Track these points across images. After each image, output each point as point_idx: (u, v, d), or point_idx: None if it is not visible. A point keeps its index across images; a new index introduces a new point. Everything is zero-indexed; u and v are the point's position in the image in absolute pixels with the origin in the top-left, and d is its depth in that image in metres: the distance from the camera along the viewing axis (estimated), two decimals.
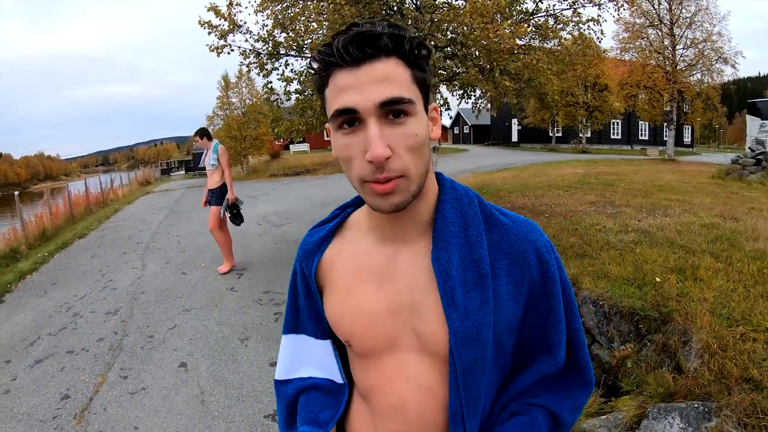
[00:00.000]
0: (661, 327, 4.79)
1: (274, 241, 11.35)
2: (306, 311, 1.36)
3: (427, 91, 1.11)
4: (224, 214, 8.60)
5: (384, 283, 1.18)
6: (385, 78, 1.01)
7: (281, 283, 7.95)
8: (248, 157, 41.28)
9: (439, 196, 1.19)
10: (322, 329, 1.33)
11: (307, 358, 1.38)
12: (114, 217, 18.29)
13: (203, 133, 8.81)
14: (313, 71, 1.09)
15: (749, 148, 15.74)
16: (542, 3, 10.65)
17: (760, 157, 14.36)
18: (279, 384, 1.44)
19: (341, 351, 1.37)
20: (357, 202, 1.35)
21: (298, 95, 10.85)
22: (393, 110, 1.01)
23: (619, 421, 3.99)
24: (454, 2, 10.29)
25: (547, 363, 1.23)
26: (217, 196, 8.59)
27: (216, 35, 10.39)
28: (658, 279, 5.45)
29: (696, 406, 3.73)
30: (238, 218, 8.81)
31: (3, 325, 7.00)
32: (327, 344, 1.35)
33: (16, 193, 16.78)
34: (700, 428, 3.59)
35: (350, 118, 1.02)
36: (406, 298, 1.16)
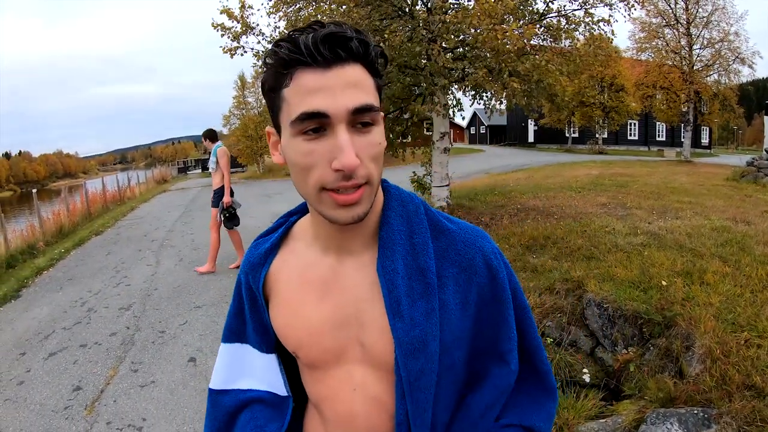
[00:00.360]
0: (664, 331, 4.77)
1: None
2: (252, 324, 1.30)
3: (382, 100, 1.09)
4: (220, 217, 8.65)
5: (329, 294, 1.15)
6: (357, 83, 0.96)
7: None
8: (264, 157, 41.41)
9: (384, 204, 1.16)
10: (267, 343, 1.28)
11: (248, 370, 1.33)
12: (130, 215, 18.46)
13: (208, 134, 8.92)
14: (268, 67, 1.01)
15: (765, 149, 15.62)
16: (553, 3, 10.66)
17: None
18: (215, 393, 1.37)
19: (286, 363, 1.32)
20: (301, 210, 1.32)
21: None
22: (362, 118, 0.97)
23: (618, 425, 3.98)
24: (465, 3, 10.33)
25: (500, 375, 1.18)
26: (218, 197, 8.66)
27: (229, 37, 10.49)
28: (664, 282, 5.43)
29: (695, 412, 3.72)
30: (231, 221, 8.75)
31: (19, 319, 7.15)
32: (272, 358, 1.29)
33: (35, 190, 17.01)
34: None
35: (317, 124, 0.95)
36: (351, 309, 1.13)
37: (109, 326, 6.53)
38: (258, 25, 10.68)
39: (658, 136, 52.05)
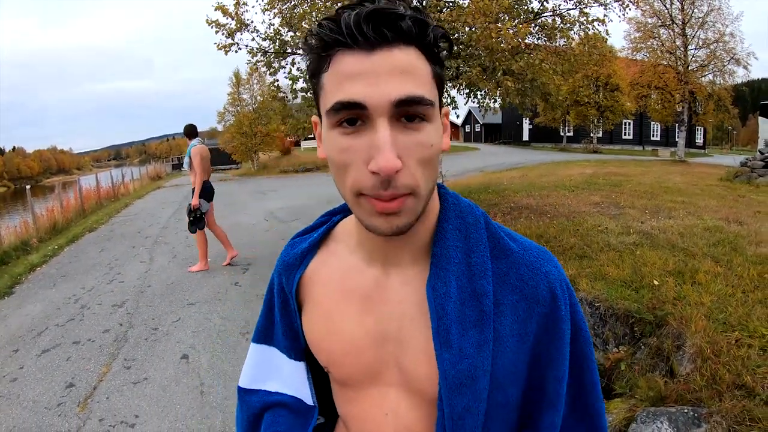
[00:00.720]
0: (656, 330, 4.79)
1: (280, 237, 11.45)
2: (281, 328, 1.19)
3: (443, 92, 0.93)
4: (188, 218, 8.58)
5: (370, 308, 1.03)
6: (405, 70, 0.81)
7: None
8: (259, 153, 41.39)
9: (440, 215, 1.01)
10: (297, 350, 1.18)
11: (276, 373, 1.23)
12: (124, 212, 18.45)
13: (186, 130, 8.91)
14: (307, 49, 0.89)
15: (759, 150, 15.67)
16: (548, 3, 10.68)
17: None
18: (243, 392, 1.30)
19: (315, 372, 1.21)
20: (345, 210, 1.18)
21: (303, 93, 10.94)
22: (408, 112, 0.82)
23: (608, 423, 3.98)
24: (460, 2, 10.35)
25: (551, 419, 1.02)
26: (205, 193, 8.64)
27: (224, 34, 10.49)
28: (656, 282, 5.45)
29: (686, 411, 3.73)
30: (195, 224, 8.57)
31: (12, 316, 7.13)
32: (300, 366, 1.19)
33: (28, 186, 16.97)
34: None
35: (354, 115, 0.82)
36: (393, 328, 1.01)
37: (102, 323, 6.52)
38: (252, 22, 10.73)
39: (653, 136, 52.19)
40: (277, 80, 11.69)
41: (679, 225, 7.82)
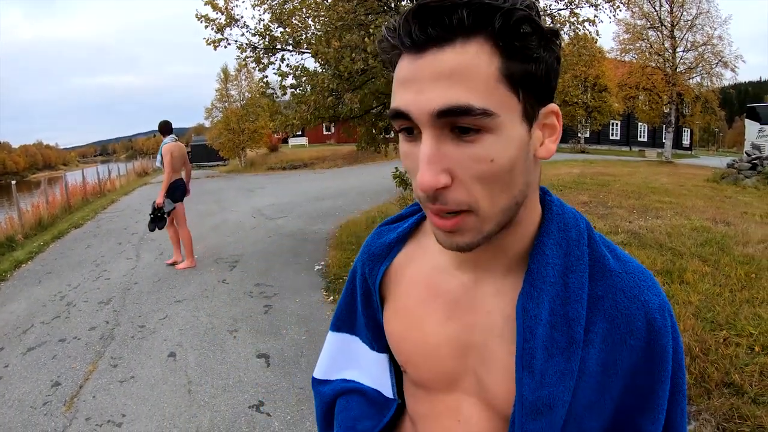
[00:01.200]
0: None
1: (267, 234, 11.40)
2: (363, 319, 1.15)
3: (537, 89, 0.77)
4: (150, 215, 8.51)
5: (455, 315, 0.97)
6: (452, 74, 0.71)
7: (272, 277, 8.02)
8: (246, 150, 41.28)
9: (541, 227, 0.91)
10: (380, 342, 1.13)
11: (356, 363, 1.20)
12: (110, 208, 18.32)
13: (160, 127, 8.78)
14: (381, 50, 0.82)
15: (746, 152, 15.84)
16: (539, 3, 10.69)
17: (755, 161, 14.43)
18: (316, 383, 1.27)
19: (397, 366, 1.15)
20: None
21: (292, 90, 10.91)
22: (458, 123, 0.72)
23: None
24: None
25: None
26: (172, 191, 8.48)
27: (213, 29, 10.43)
28: None
29: None
30: (155, 223, 8.44)
31: None
32: (383, 358, 1.15)
33: (14, 182, 16.83)
34: None
35: (407, 124, 0.77)
36: (477, 338, 0.94)
37: (88, 321, 6.47)
38: (242, 17, 10.64)
39: (640, 137, 52.59)
40: (266, 76, 11.65)
41: (666, 225, 7.90)
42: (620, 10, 10.77)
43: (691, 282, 5.44)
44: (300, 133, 53.26)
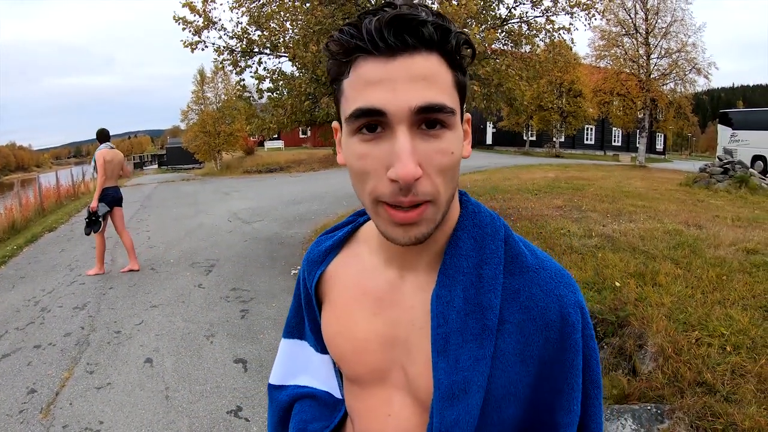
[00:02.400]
0: (618, 330, 4.91)
1: (243, 239, 11.36)
2: (308, 323, 1.22)
3: (464, 99, 0.91)
4: (95, 217, 8.53)
5: (382, 311, 1.03)
6: (426, 77, 0.81)
7: (248, 281, 8.02)
8: (222, 153, 41.11)
9: (457, 223, 0.99)
10: (323, 344, 1.18)
11: (306, 367, 1.27)
12: (84, 211, 18.07)
13: (97, 134, 8.87)
14: (329, 55, 0.88)
15: (718, 157, 16.05)
16: (516, 9, 10.81)
17: (727, 166, 14.64)
18: (272, 389, 1.33)
19: None
20: None
21: (269, 93, 10.91)
22: (429, 119, 0.82)
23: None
24: (429, 5, 10.42)
25: None
26: (104, 197, 8.59)
27: (190, 31, 10.40)
28: (617, 283, 5.59)
29: (649, 408, 3.84)
30: (90, 227, 8.53)
31: None
32: (327, 359, 1.22)
33: None
34: (652, 430, 3.71)
35: (374, 122, 0.82)
36: (401, 332, 1.00)
37: (63, 326, 6.41)
38: (220, 20, 10.63)
39: (614, 141, 53.13)
40: (243, 79, 11.64)
41: (639, 228, 7.99)
42: (595, 18, 10.91)
43: (664, 284, 5.52)
44: (276, 136, 53.17)
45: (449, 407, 0.90)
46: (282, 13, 10.20)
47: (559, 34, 10.75)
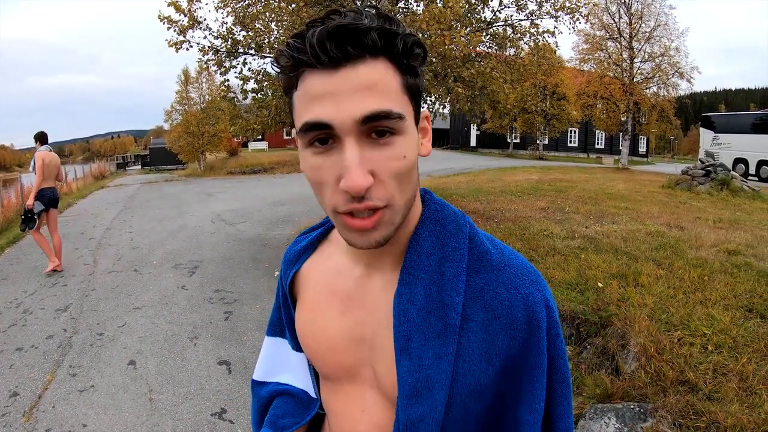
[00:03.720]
0: (601, 330, 4.96)
1: (227, 240, 11.31)
2: (285, 322, 1.25)
3: (419, 100, 0.92)
4: (31, 215, 8.70)
5: (349, 310, 1.04)
6: (370, 86, 0.80)
7: (232, 282, 7.99)
8: (206, 154, 40.92)
9: (419, 221, 0.99)
10: (298, 342, 1.19)
11: (286, 365, 1.29)
12: (66, 212, 17.96)
13: (36, 137, 9.00)
14: (278, 69, 0.88)
15: (700, 159, 16.22)
16: (501, 13, 10.87)
17: (709, 168, 14.79)
18: (255, 384, 1.35)
19: None
20: None
21: (254, 94, 10.89)
22: (377, 127, 0.82)
23: None
24: (414, 8, 10.44)
25: None
26: (40, 197, 8.75)
27: (175, 31, 10.36)
28: (600, 284, 5.64)
29: (632, 407, 3.88)
30: (26, 224, 8.73)
31: None
32: (303, 357, 1.24)
33: None
34: (635, 428, 3.74)
35: (322, 135, 0.83)
36: (368, 331, 1.01)
37: (45, 328, 6.35)
38: (205, 19, 10.60)
39: (597, 144, 53.43)
40: (228, 80, 11.61)
41: (622, 230, 8.07)
42: (580, 22, 11.00)
43: (646, 285, 5.58)
44: (260, 137, 53.08)
45: (413, 404, 0.91)
46: (267, 13, 10.20)
47: (544, 37, 10.85)
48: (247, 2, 10.44)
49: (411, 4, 10.95)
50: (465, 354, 0.92)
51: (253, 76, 10.76)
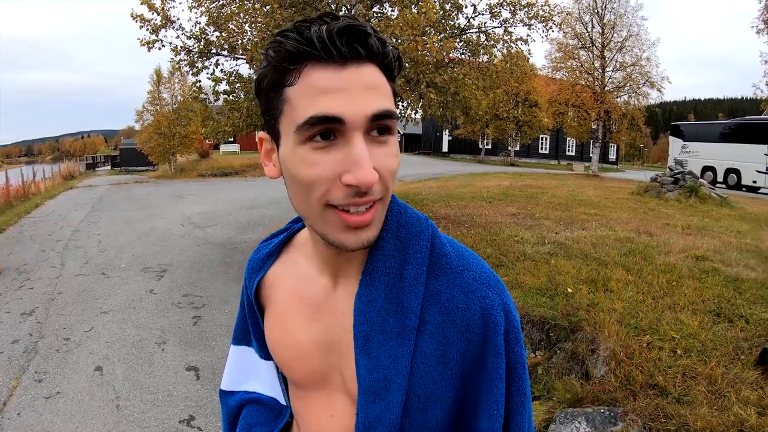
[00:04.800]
0: (570, 335, 5.01)
1: (196, 243, 11.24)
2: (252, 330, 1.24)
3: (395, 104, 0.92)
4: None
5: (318, 316, 1.04)
6: (375, 86, 0.84)
7: (201, 287, 7.94)
8: (177, 156, 40.55)
9: (384, 223, 0.97)
10: (266, 350, 1.18)
11: (254, 373, 1.29)
12: (34, 213, 17.71)
13: None
14: (272, 61, 0.86)
15: (669, 167, 16.48)
16: (474, 20, 10.93)
17: (678, 176, 15.00)
18: (223, 395, 1.35)
19: None
20: None
21: (226, 96, 10.83)
22: (381, 125, 0.85)
23: None
24: (389, 13, 10.47)
25: None
26: None
27: (148, 30, 10.28)
28: (569, 290, 5.69)
29: (602, 411, 3.92)
30: None
31: None
32: (271, 365, 1.24)
33: None
34: None
35: (329, 129, 0.82)
36: (335, 337, 1.01)
37: (10, 333, 6.24)
38: (178, 19, 10.53)
39: (568, 151, 53.95)
40: (200, 81, 11.55)
41: (592, 236, 8.15)
42: (553, 31, 11.11)
43: (616, 290, 5.65)
44: (232, 139, 52.79)
45: (371, 404, 0.92)
46: (241, 14, 10.15)
47: (517, 45, 10.93)
48: (221, 2, 10.39)
49: (385, 8, 10.97)
50: (421, 356, 0.93)
51: (225, 77, 10.71)
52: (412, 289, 0.94)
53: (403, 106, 11.52)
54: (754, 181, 26.04)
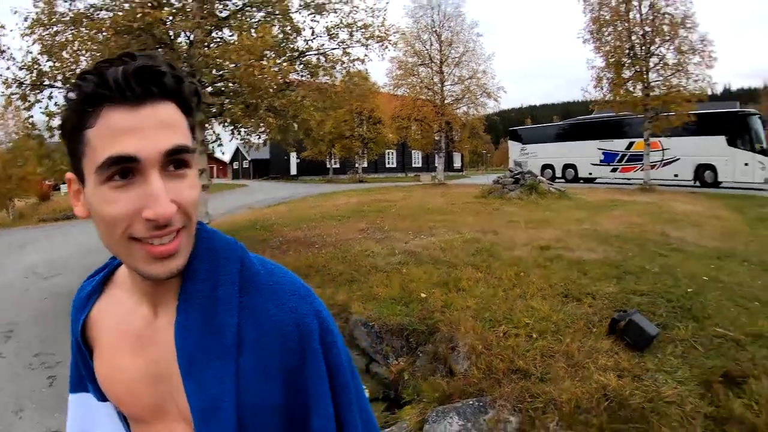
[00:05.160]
0: (429, 338, 5.24)
1: (42, 296, 10.41)
2: (84, 372, 1.18)
3: (194, 136, 0.98)
4: None
5: (143, 349, 1.05)
6: (170, 124, 0.89)
7: (53, 343, 7.44)
8: (15, 200, 37.66)
9: (193, 250, 1.01)
10: (101, 391, 1.15)
11: (95, 420, 1.22)
12: None
13: None
14: (71, 104, 0.89)
15: (509, 169, 17.57)
16: (313, 42, 11.13)
17: (518, 176, 15.96)
18: None
19: None
20: None
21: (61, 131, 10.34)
22: (177, 160, 0.90)
23: (403, 429, 4.35)
24: (228, 38, 10.44)
25: None
26: None
27: None
28: (423, 295, 5.93)
29: (471, 402, 4.17)
30: None
31: None
32: (110, 406, 1.17)
33: None
34: (478, 422, 4.01)
35: (125, 169, 0.86)
36: (163, 367, 1.02)
37: None
38: (9, 48, 9.96)
39: (415, 163, 55.43)
40: (32, 116, 10.93)
41: (440, 241, 8.52)
42: (389, 50, 11.50)
43: (467, 288, 5.95)
44: None
45: (205, 425, 0.96)
46: (76, 42, 9.71)
47: (354, 65, 11.23)
48: (55, 29, 9.85)
49: (224, 34, 10.93)
50: (245, 372, 0.97)
51: (59, 111, 10.20)
52: (226, 308, 0.98)
53: (243, 131, 11.45)
54: (590, 173, 28.92)
